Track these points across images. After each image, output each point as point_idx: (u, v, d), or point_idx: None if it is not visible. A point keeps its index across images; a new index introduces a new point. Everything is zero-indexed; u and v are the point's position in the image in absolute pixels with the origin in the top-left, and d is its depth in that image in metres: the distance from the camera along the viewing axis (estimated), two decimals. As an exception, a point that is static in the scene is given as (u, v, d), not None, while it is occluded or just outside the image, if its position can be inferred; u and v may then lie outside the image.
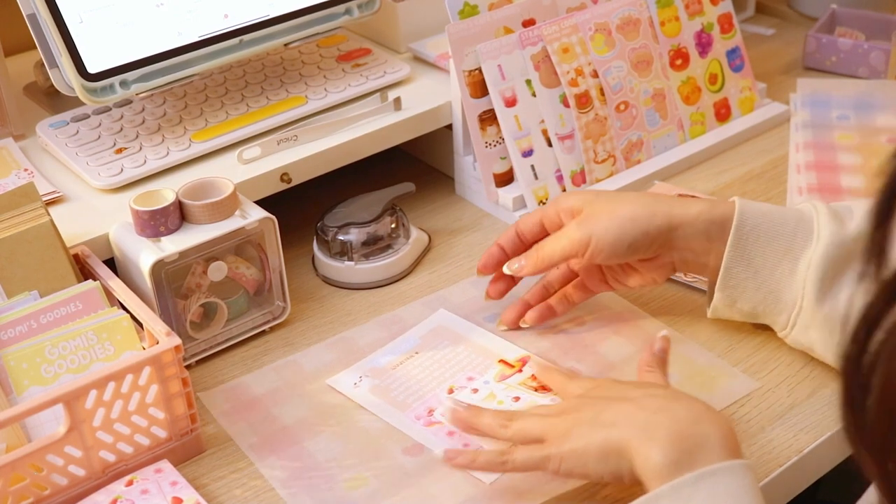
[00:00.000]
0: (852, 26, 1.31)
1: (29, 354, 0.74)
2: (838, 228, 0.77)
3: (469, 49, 0.98)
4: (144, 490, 0.72)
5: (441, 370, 0.83)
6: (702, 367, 0.82)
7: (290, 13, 0.98)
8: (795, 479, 0.76)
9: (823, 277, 0.77)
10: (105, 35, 0.89)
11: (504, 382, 0.81)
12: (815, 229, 0.78)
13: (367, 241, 0.94)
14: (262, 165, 0.94)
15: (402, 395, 0.81)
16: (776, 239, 0.79)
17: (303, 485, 0.73)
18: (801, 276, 0.78)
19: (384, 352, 0.86)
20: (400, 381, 0.82)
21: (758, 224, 0.79)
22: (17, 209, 0.80)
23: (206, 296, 0.85)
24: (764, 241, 0.79)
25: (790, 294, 0.79)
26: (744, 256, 0.79)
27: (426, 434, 0.77)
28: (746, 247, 0.79)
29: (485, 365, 0.83)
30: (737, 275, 0.79)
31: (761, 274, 0.79)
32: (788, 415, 0.78)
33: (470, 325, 0.88)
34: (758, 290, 0.80)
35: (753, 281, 0.79)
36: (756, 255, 0.79)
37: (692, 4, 1.11)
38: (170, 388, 0.73)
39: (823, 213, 0.79)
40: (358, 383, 0.82)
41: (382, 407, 0.80)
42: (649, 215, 0.79)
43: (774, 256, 0.79)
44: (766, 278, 0.79)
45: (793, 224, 0.79)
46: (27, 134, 1.01)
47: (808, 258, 0.77)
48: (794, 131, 1.13)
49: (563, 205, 0.83)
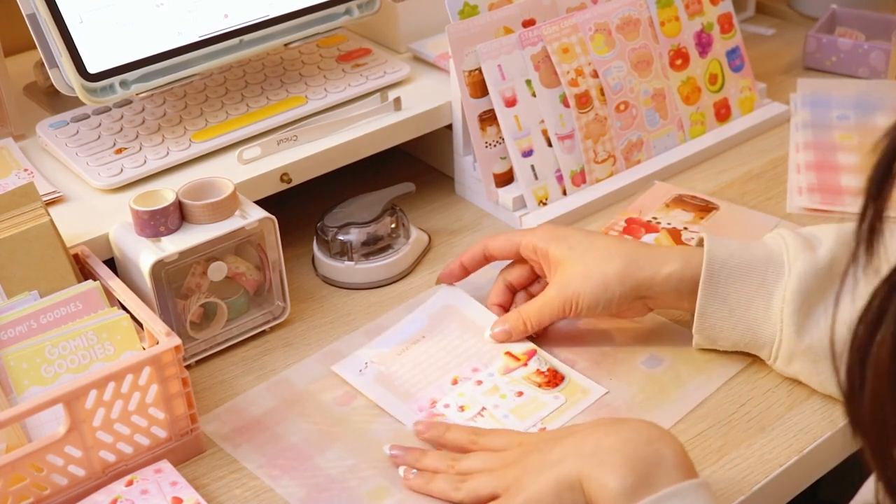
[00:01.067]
0: (852, 26, 1.31)
1: (29, 354, 0.74)
2: (810, 257, 0.77)
3: (469, 49, 0.98)
4: (144, 490, 0.72)
5: (446, 359, 0.84)
6: (692, 351, 0.83)
7: (290, 13, 0.98)
8: (795, 479, 0.76)
9: (800, 309, 0.76)
10: (105, 35, 0.89)
11: (508, 376, 0.82)
12: (786, 262, 0.78)
13: (367, 241, 0.94)
14: (262, 165, 0.94)
15: (406, 384, 0.82)
16: (748, 276, 0.78)
17: (325, 501, 0.72)
18: (777, 310, 0.77)
19: (391, 334, 0.86)
20: (405, 368, 0.83)
21: (727, 264, 0.78)
22: (17, 209, 0.80)
23: (206, 296, 0.85)
24: (736, 280, 0.78)
25: (768, 329, 0.78)
26: (717, 297, 0.79)
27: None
28: (718, 288, 0.79)
29: (490, 356, 0.84)
30: (712, 315, 0.79)
31: (736, 312, 0.79)
32: (788, 415, 0.78)
33: (479, 306, 0.88)
34: (734, 329, 0.80)
35: (729, 321, 0.79)
36: (730, 294, 0.79)
37: (692, 4, 1.11)
38: (170, 388, 0.73)
39: (792, 244, 0.79)
40: (363, 370, 0.83)
41: (386, 398, 0.80)
42: (620, 279, 0.80)
43: (748, 294, 0.78)
44: (742, 316, 0.79)
45: (763, 259, 0.79)
46: (27, 134, 1.01)
47: (782, 292, 0.77)
48: (794, 131, 1.13)
49: (541, 248, 0.84)
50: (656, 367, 0.83)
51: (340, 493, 0.73)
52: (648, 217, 0.99)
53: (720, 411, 0.79)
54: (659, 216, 0.99)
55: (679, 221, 0.98)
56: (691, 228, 0.90)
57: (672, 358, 0.83)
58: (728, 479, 0.73)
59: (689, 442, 0.76)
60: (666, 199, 1.02)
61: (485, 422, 0.78)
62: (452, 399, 0.80)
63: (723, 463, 0.74)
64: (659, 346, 0.85)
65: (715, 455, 0.75)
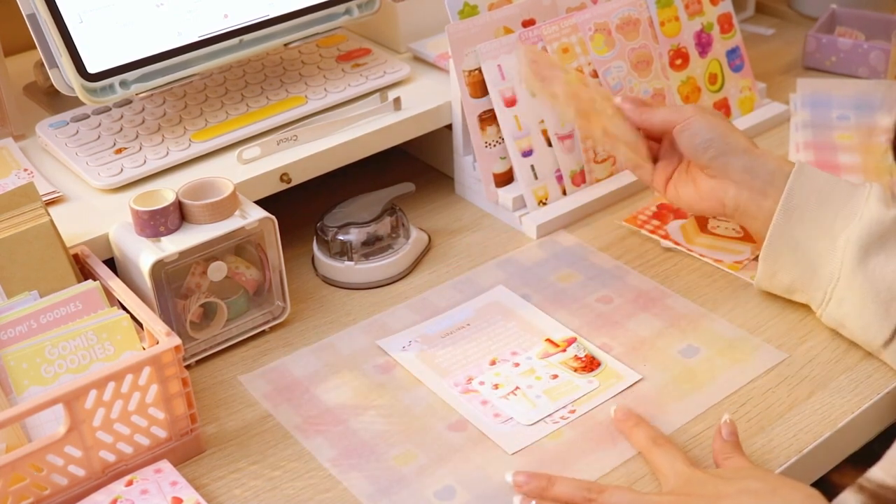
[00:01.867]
0: (852, 26, 1.31)
1: (29, 354, 0.74)
2: (882, 209, 0.81)
3: (469, 49, 0.98)
4: (144, 490, 0.72)
5: (488, 343, 0.86)
6: (731, 341, 0.85)
7: (290, 13, 0.98)
8: (795, 479, 0.76)
9: (861, 249, 0.80)
10: (105, 35, 0.89)
11: (546, 360, 0.83)
12: (860, 209, 0.81)
13: (366, 241, 0.94)
14: (262, 165, 0.94)
15: (445, 362, 0.84)
16: (821, 216, 0.83)
17: (352, 463, 0.76)
18: (840, 252, 0.81)
19: (438, 320, 0.89)
20: (447, 349, 0.86)
21: (806, 198, 0.83)
22: (17, 209, 0.80)
23: (205, 296, 0.85)
24: (809, 217, 0.83)
25: (828, 269, 0.82)
26: (786, 229, 0.83)
27: (461, 401, 0.80)
28: (791, 220, 0.83)
29: (531, 342, 0.86)
30: (778, 248, 0.84)
31: (801, 248, 0.83)
32: (788, 415, 0.78)
33: (525, 302, 0.90)
34: (797, 265, 0.84)
35: (794, 255, 0.84)
36: (798, 230, 0.83)
37: (692, 4, 1.11)
38: (170, 388, 0.73)
39: (875, 194, 0.82)
40: (407, 347, 0.86)
41: (424, 371, 0.83)
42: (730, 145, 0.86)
43: (816, 232, 0.82)
44: (806, 253, 0.83)
45: (841, 202, 0.82)
46: (27, 134, 1.01)
47: (848, 235, 0.81)
48: (794, 131, 1.13)
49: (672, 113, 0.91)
50: (692, 357, 0.83)
51: (368, 457, 0.76)
52: None
53: (720, 411, 0.79)
54: None
55: None
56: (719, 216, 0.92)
57: (709, 349, 0.84)
58: (728, 478, 0.73)
59: (689, 442, 0.76)
60: None
61: (517, 400, 0.80)
62: (488, 378, 0.82)
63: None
64: (697, 335, 0.86)
65: (715, 455, 0.75)
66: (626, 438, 0.76)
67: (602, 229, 1.00)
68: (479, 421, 0.78)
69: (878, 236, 0.80)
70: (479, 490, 0.73)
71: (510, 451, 0.76)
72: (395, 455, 0.76)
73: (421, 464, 0.75)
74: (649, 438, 0.74)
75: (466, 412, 0.79)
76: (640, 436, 0.75)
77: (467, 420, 0.79)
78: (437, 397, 0.81)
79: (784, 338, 0.85)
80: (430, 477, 0.74)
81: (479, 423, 0.78)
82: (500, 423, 0.78)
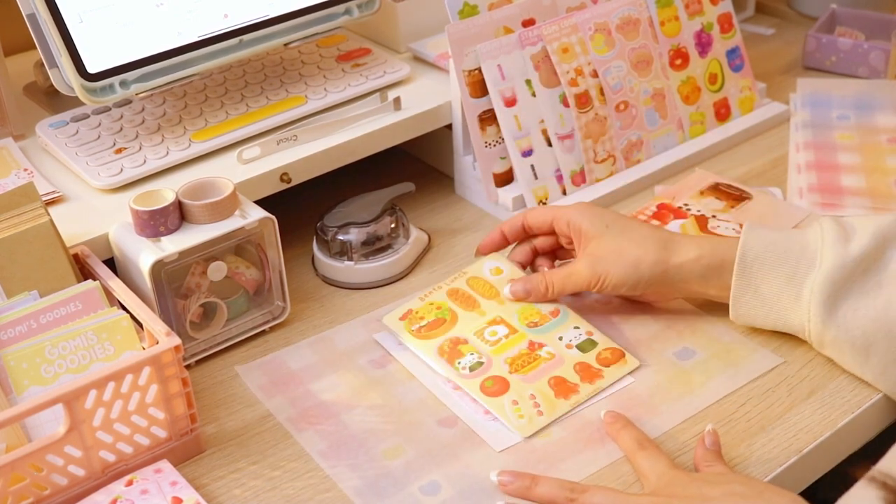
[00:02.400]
0: (852, 26, 1.31)
1: (29, 354, 0.74)
2: (841, 251, 0.79)
3: (469, 49, 0.98)
4: (144, 490, 0.72)
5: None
6: (727, 345, 0.85)
7: (290, 13, 0.98)
8: (796, 479, 0.76)
9: (827, 301, 0.78)
10: (105, 35, 0.89)
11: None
12: (818, 255, 0.80)
13: (366, 241, 0.94)
14: (262, 165, 0.94)
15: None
16: (780, 267, 0.81)
17: (341, 455, 0.76)
18: (806, 301, 0.80)
19: None
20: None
21: (761, 254, 0.81)
22: (16, 209, 0.80)
23: (205, 296, 0.85)
24: (768, 270, 0.81)
25: (797, 319, 0.81)
26: (750, 286, 0.82)
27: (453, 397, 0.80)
28: (751, 277, 0.81)
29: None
30: (745, 304, 0.82)
31: (768, 303, 0.81)
32: (788, 414, 0.78)
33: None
34: (767, 317, 0.82)
35: (762, 309, 0.82)
36: (762, 284, 0.81)
37: (692, 4, 1.11)
38: (169, 388, 0.73)
39: (829, 235, 0.80)
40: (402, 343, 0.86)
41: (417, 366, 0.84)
42: (652, 262, 0.83)
43: (779, 284, 0.81)
44: (774, 306, 0.81)
45: (798, 251, 0.81)
46: (27, 134, 1.01)
47: (811, 284, 0.79)
48: (794, 131, 1.13)
49: (575, 223, 0.86)
50: (688, 360, 0.83)
51: (357, 451, 0.77)
52: (680, 203, 1.00)
53: (720, 411, 0.79)
54: (691, 203, 1.01)
55: (709, 209, 1.00)
56: (720, 217, 0.92)
57: (706, 353, 0.84)
58: (728, 478, 0.73)
59: (689, 442, 0.76)
60: (701, 187, 1.03)
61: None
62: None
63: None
64: (694, 338, 0.86)
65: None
66: (614, 441, 0.76)
67: (633, 213, 1.00)
68: (469, 417, 0.79)
69: (843, 282, 0.78)
70: (463, 486, 0.73)
71: (498, 448, 0.76)
72: (384, 449, 0.76)
73: (408, 458, 0.75)
74: (635, 441, 0.74)
75: (457, 408, 0.80)
76: (626, 438, 0.75)
77: (458, 416, 0.79)
78: (430, 392, 0.81)
79: (781, 341, 0.85)
80: (416, 472, 0.74)
81: (469, 420, 0.78)
82: (490, 419, 0.78)
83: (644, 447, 0.73)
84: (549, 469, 0.74)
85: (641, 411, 0.78)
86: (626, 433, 0.75)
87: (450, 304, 0.87)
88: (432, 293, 0.88)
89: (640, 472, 0.73)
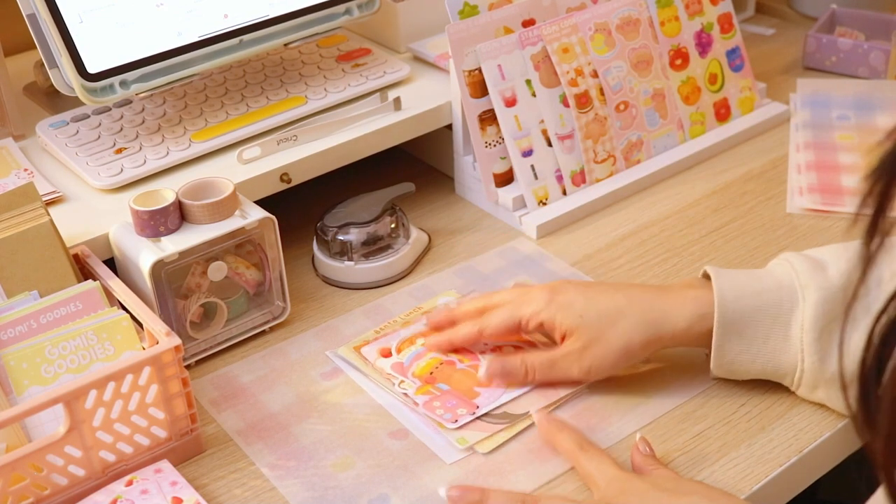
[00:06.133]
0: (852, 26, 1.31)
1: (29, 354, 0.74)
2: (822, 281, 0.75)
3: (469, 49, 0.98)
4: (144, 490, 0.72)
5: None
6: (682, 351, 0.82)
7: (290, 13, 0.98)
8: (795, 479, 0.76)
9: (820, 337, 0.74)
10: (105, 35, 0.89)
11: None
12: (799, 288, 0.76)
13: (367, 241, 0.94)
14: (262, 165, 0.94)
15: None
16: (762, 311, 0.76)
17: (290, 467, 0.75)
18: (797, 339, 0.75)
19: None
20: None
21: (738, 303, 0.76)
22: (17, 209, 0.80)
23: (206, 296, 0.85)
24: (750, 317, 0.76)
25: (788, 359, 0.76)
26: (732, 336, 0.76)
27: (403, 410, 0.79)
28: (733, 328, 0.76)
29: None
30: (729, 352, 0.77)
31: (754, 346, 0.76)
32: (788, 415, 0.78)
33: None
34: (754, 363, 0.77)
35: (748, 354, 0.77)
36: (745, 331, 0.76)
37: (692, 4, 1.11)
38: (170, 388, 0.73)
39: (801, 268, 0.76)
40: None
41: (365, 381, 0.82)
42: (642, 345, 0.77)
43: (764, 328, 0.76)
44: (760, 349, 0.76)
45: (775, 290, 0.76)
46: (27, 134, 1.01)
47: (800, 321, 0.75)
48: (794, 131, 1.13)
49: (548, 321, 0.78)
50: (641, 368, 0.82)
51: (306, 463, 0.75)
52: None
53: (720, 411, 0.79)
54: None
55: None
56: None
57: (658, 357, 0.82)
58: (728, 479, 0.73)
59: (689, 442, 0.76)
60: None
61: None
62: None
63: (723, 463, 0.74)
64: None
65: (715, 455, 0.75)
66: (550, 445, 0.74)
67: (602, 229, 1.00)
68: (419, 430, 0.77)
69: (832, 314, 0.73)
70: (413, 499, 0.72)
71: (448, 461, 0.75)
72: (332, 462, 0.75)
73: (358, 471, 0.74)
74: (574, 443, 0.72)
75: (408, 421, 0.78)
76: (564, 440, 0.73)
77: (408, 429, 0.78)
78: (387, 417, 0.79)
79: None
80: (365, 484, 0.73)
81: (420, 433, 0.77)
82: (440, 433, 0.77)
83: (585, 449, 0.71)
84: (501, 481, 0.73)
85: (593, 420, 0.78)
86: (564, 435, 0.73)
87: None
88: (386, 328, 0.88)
89: (587, 475, 0.71)
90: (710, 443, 0.76)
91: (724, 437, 0.76)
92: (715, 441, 0.76)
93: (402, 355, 0.83)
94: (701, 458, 0.75)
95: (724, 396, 0.80)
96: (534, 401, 0.79)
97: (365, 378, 0.83)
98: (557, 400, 0.79)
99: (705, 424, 0.78)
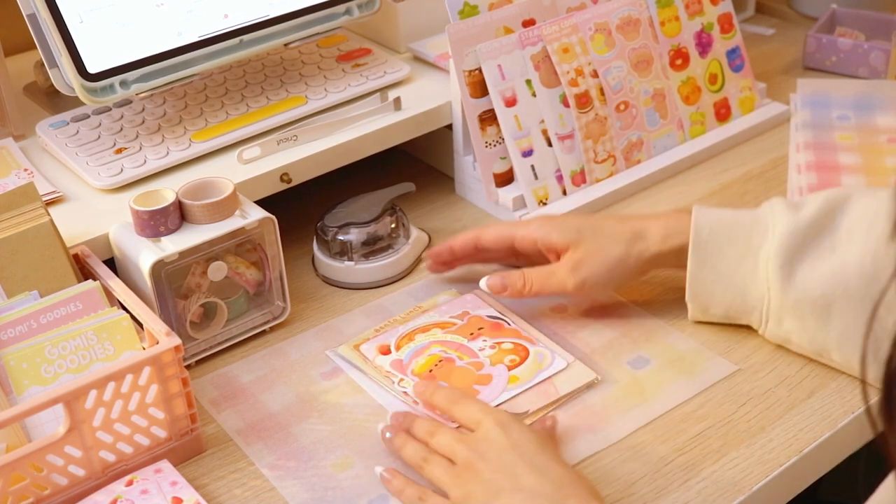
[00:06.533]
0: (852, 26, 1.31)
1: (29, 354, 0.74)
2: (792, 217, 0.79)
3: (469, 49, 0.98)
4: (144, 490, 0.72)
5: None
6: (682, 353, 0.84)
7: (290, 13, 0.98)
8: (795, 479, 0.76)
9: (784, 265, 0.78)
10: (105, 35, 0.89)
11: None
12: (770, 224, 0.80)
13: (367, 241, 0.94)
14: (262, 165, 0.94)
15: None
16: (734, 241, 0.81)
17: (290, 467, 0.75)
18: (763, 270, 0.80)
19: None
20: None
21: (714, 230, 0.81)
22: (17, 209, 0.80)
23: (206, 296, 0.85)
24: (723, 245, 0.81)
25: (756, 290, 0.81)
26: (706, 264, 0.81)
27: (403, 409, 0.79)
28: (707, 254, 0.81)
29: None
30: (703, 280, 0.82)
31: (725, 276, 0.81)
32: (788, 415, 0.78)
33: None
34: (725, 294, 0.82)
35: (719, 285, 0.82)
36: (718, 260, 0.81)
37: (692, 4, 1.11)
38: (170, 388, 0.73)
39: (779, 207, 0.81)
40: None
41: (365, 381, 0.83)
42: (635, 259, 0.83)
43: (735, 257, 0.81)
44: (731, 280, 0.81)
45: (749, 224, 0.81)
46: (27, 134, 1.01)
47: (766, 252, 0.80)
48: (794, 131, 1.13)
49: (543, 239, 0.85)
50: (641, 368, 0.83)
51: (306, 463, 0.75)
52: None
53: (720, 411, 0.79)
54: None
55: None
56: None
57: (660, 361, 0.83)
58: (728, 479, 0.73)
59: (689, 442, 0.76)
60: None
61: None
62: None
63: (723, 463, 0.74)
64: (649, 346, 0.85)
65: (715, 455, 0.75)
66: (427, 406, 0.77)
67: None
68: None
69: (797, 247, 0.78)
70: None
71: None
72: (332, 462, 0.75)
73: (358, 471, 0.74)
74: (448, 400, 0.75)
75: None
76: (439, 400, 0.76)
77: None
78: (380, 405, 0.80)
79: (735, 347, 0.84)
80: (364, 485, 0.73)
81: None
82: None
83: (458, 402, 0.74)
84: None
85: (593, 420, 0.78)
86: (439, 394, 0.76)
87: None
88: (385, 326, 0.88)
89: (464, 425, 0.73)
90: (710, 443, 0.76)
91: (724, 437, 0.76)
92: (715, 441, 0.76)
93: (401, 352, 0.84)
94: (701, 458, 0.75)
95: (724, 396, 0.80)
96: (533, 399, 0.79)
97: (365, 377, 0.83)
98: (557, 399, 0.79)
99: (705, 424, 0.78)
